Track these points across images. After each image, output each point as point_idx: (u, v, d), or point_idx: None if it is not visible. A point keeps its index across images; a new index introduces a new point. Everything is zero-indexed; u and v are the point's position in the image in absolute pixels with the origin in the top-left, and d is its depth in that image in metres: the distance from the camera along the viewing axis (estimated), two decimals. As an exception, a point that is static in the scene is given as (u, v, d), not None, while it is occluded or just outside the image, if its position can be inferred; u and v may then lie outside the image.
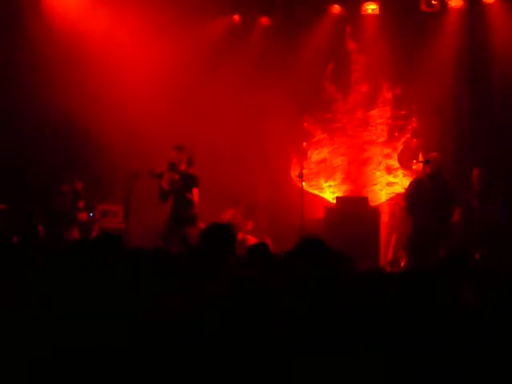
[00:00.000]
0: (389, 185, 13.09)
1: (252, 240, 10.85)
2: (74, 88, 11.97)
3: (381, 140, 13.29)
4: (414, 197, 10.73)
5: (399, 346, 3.19)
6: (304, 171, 11.59)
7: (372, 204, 12.35)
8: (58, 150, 12.44)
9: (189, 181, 10.40)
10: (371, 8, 13.13)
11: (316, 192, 13.24)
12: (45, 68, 12.14)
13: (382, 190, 13.09)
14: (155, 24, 12.34)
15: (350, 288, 3.62)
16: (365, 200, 12.19)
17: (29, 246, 5.32)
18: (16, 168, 11.99)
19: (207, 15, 13.03)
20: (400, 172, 13.07)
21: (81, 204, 11.49)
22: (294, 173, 12.71)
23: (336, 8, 13.27)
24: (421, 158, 11.96)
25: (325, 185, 13.32)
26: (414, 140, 13.02)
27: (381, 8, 13.05)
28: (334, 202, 12.51)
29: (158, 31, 12.42)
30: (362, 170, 13.29)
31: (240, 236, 10.61)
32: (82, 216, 11.49)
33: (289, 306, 3.34)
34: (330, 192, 13.23)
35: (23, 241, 6.19)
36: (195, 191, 10.38)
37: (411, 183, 11.14)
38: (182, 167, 10.47)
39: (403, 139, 13.15)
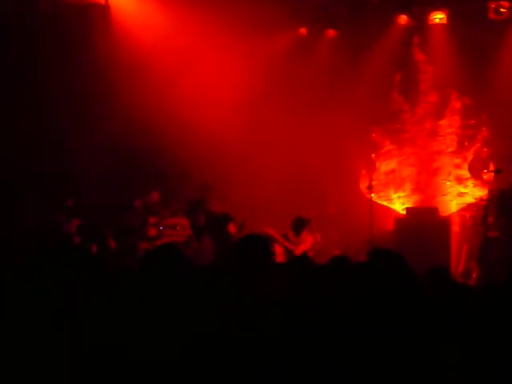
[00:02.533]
0: (459, 195, 12.92)
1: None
2: (145, 99, 12.11)
3: (450, 150, 13.16)
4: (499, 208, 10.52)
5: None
6: (373, 183, 11.56)
7: (442, 214, 12.24)
8: (131, 164, 12.60)
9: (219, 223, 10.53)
10: (439, 17, 13.04)
11: (385, 203, 13.17)
12: (116, 79, 12.26)
13: (452, 201, 12.93)
14: (225, 38, 12.46)
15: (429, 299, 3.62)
16: (435, 210, 12.10)
17: (100, 260, 5.44)
18: (89, 183, 12.17)
19: (274, 29, 13.09)
20: (470, 182, 12.89)
21: (152, 220, 11.60)
22: (363, 184, 12.68)
23: (403, 18, 13.21)
24: (492, 167, 11.80)
25: (394, 196, 13.25)
26: (485, 149, 12.84)
27: (448, 17, 12.95)
28: (404, 212, 12.46)
29: (226, 46, 12.55)
30: (432, 180, 13.17)
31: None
32: (152, 231, 11.59)
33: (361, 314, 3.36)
34: (399, 203, 13.15)
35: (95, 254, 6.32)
36: (231, 228, 10.44)
37: (497, 195, 10.88)
38: (201, 221, 10.81)
39: (473, 149, 12.98)
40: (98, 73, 12.28)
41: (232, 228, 10.38)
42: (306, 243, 10.73)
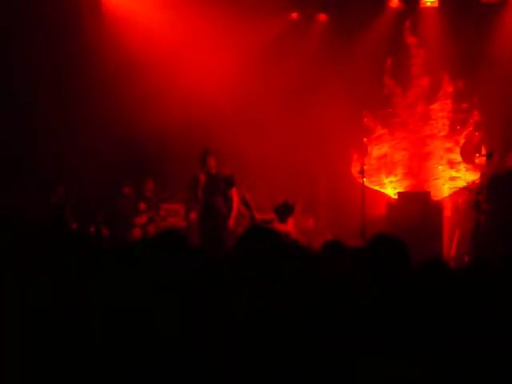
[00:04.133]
0: (451, 179, 12.92)
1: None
2: (137, 86, 12.11)
3: (442, 134, 13.14)
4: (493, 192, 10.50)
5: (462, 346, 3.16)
6: (365, 167, 11.52)
7: (434, 199, 12.23)
8: (122, 151, 12.53)
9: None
10: (430, 1, 12.99)
11: (377, 188, 13.15)
12: (105, 69, 12.25)
13: (444, 185, 12.93)
14: (216, 22, 12.42)
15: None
16: (427, 195, 12.08)
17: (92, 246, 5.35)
18: (81, 170, 12.15)
19: (265, 14, 13.01)
20: (462, 166, 12.89)
21: (142, 206, 11.59)
22: (355, 169, 12.67)
23: (394, 2, 13.18)
24: (483, 151, 11.79)
25: (386, 180, 13.23)
26: (477, 133, 12.84)
27: (440, 0, 12.89)
28: (396, 197, 12.46)
29: (217, 31, 12.50)
30: (424, 164, 13.15)
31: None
32: (143, 218, 11.59)
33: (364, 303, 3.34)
34: (391, 187, 13.14)
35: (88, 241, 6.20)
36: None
37: (492, 178, 10.81)
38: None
39: (465, 133, 12.97)
40: (88, 60, 12.25)
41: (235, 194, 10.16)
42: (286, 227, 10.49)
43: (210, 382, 3.06)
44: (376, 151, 13.34)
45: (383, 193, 13.16)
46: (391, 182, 13.22)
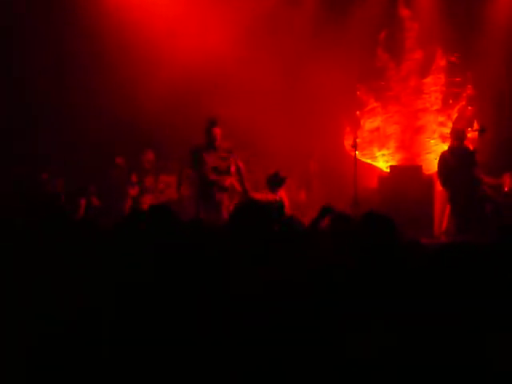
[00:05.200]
0: (443, 153, 12.92)
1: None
2: (126, 63, 12.10)
3: (435, 108, 13.12)
4: (443, 172, 10.63)
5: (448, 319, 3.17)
6: (357, 140, 11.52)
7: (426, 173, 12.24)
8: (116, 125, 12.53)
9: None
10: (425, -27, 12.93)
11: (369, 161, 13.15)
12: (104, 46, 12.25)
13: (436, 159, 12.88)
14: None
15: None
16: (419, 169, 12.10)
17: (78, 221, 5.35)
18: (74, 143, 12.19)
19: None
20: (455, 140, 12.87)
21: (133, 177, 11.56)
22: (348, 142, 12.64)
23: (389, -26, 13.11)
24: (476, 126, 11.78)
25: (378, 154, 13.23)
26: (469, 108, 12.82)
27: (435, -27, 12.84)
28: (388, 170, 12.46)
29: (211, 3, 12.46)
30: (416, 138, 13.15)
31: None
32: (135, 188, 11.56)
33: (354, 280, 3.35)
34: (383, 161, 13.14)
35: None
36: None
37: (439, 159, 10.98)
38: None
39: (458, 107, 12.95)
40: (85, 37, 12.26)
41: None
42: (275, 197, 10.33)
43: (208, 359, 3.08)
44: (368, 124, 13.33)
45: (375, 166, 13.16)
46: (383, 155, 13.22)
